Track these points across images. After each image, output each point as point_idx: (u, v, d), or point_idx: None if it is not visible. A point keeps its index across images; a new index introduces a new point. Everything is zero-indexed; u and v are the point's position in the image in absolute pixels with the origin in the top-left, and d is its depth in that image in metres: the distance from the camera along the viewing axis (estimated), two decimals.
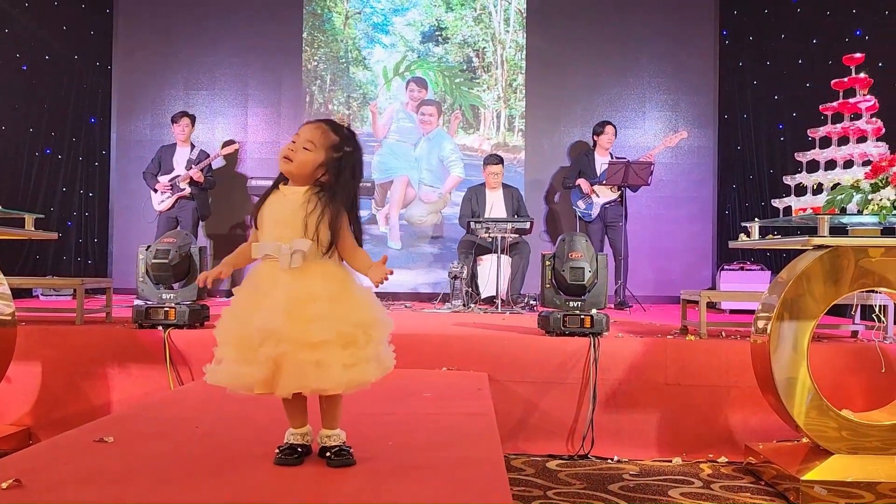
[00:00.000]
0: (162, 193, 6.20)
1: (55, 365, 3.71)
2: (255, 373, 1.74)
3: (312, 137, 1.84)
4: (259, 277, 1.82)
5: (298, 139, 1.84)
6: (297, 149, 1.83)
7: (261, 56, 7.38)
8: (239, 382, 1.77)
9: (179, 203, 6.21)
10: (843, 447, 2.94)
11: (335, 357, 1.74)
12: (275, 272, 1.79)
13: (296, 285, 1.77)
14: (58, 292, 6.11)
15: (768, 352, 2.97)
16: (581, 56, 7.35)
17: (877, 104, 3.41)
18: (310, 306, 1.75)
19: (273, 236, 1.82)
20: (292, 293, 1.76)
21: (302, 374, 1.73)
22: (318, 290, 1.77)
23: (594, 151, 6.42)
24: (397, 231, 7.28)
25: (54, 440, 2.13)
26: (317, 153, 1.83)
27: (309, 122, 1.88)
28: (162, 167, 6.30)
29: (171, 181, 6.18)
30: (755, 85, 7.09)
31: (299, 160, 1.83)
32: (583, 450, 3.52)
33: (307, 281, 1.78)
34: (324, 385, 1.75)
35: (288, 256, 1.77)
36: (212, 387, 1.83)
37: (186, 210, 6.21)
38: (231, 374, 1.78)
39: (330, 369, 1.73)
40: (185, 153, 6.30)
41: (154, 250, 3.94)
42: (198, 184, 6.20)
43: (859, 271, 2.97)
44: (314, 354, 1.72)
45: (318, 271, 1.80)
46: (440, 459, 1.93)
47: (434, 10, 7.45)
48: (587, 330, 3.64)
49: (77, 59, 7.11)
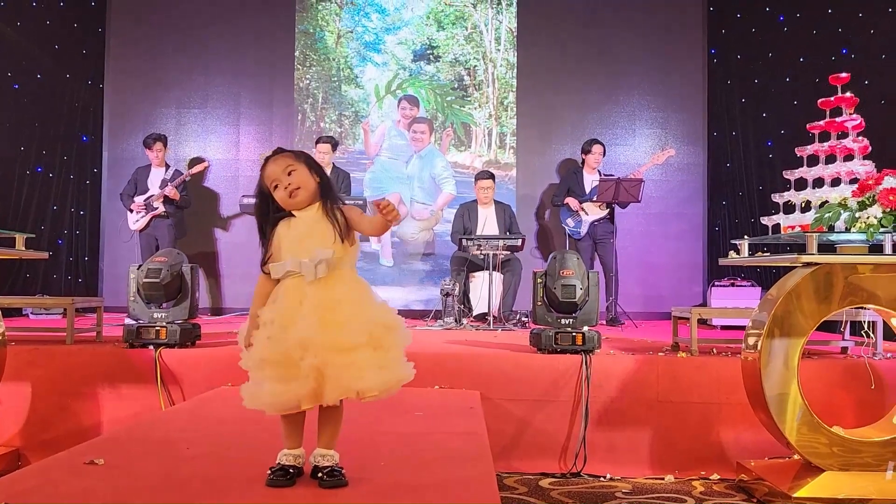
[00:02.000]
0: (136, 213, 6.24)
1: (45, 385, 3.68)
2: (298, 388, 1.77)
3: (286, 163, 1.90)
4: (284, 295, 1.85)
5: (277, 176, 1.90)
6: (289, 179, 1.89)
7: (253, 75, 7.41)
8: (281, 400, 1.79)
9: (154, 222, 6.27)
10: (834, 464, 2.95)
11: (370, 359, 1.80)
12: (299, 287, 1.84)
13: (323, 294, 1.82)
14: (48, 311, 6.07)
15: (759, 368, 2.98)
16: (571, 74, 7.41)
17: (863, 123, 3.46)
18: (339, 311, 1.81)
19: (295, 253, 1.86)
20: (321, 302, 1.81)
21: (344, 379, 1.77)
22: (344, 295, 1.84)
23: (583, 169, 6.46)
24: (389, 248, 7.29)
25: (44, 463, 2.12)
26: (299, 167, 1.91)
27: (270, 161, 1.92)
28: (137, 188, 6.36)
29: (145, 200, 6.22)
30: (743, 102, 7.17)
31: (300, 181, 1.89)
32: (575, 468, 3.51)
33: (332, 289, 1.84)
34: (365, 385, 1.78)
35: (312, 268, 1.82)
36: (203, 407, 1.83)
37: (162, 229, 6.27)
38: (273, 393, 1.79)
39: (368, 371, 1.79)
40: (160, 173, 6.39)
41: (145, 269, 3.92)
42: (174, 202, 6.25)
43: (848, 288, 2.99)
44: (350, 358, 1.77)
45: (340, 279, 1.86)
46: (432, 480, 1.93)
47: (426, 29, 7.51)
48: (579, 347, 3.65)
49: (69, 77, 7.12)
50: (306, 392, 1.77)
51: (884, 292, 2.99)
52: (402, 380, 1.87)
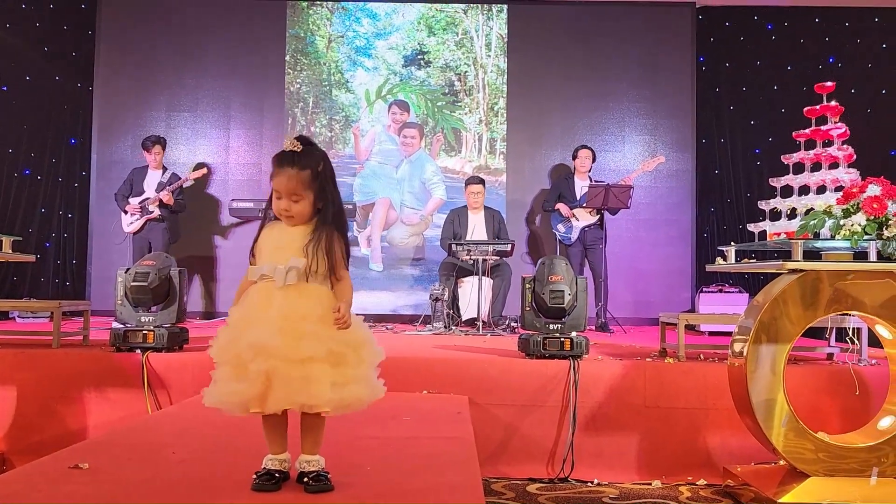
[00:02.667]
0: (131, 215, 6.17)
1: (31, 389, 3.66)
2: (246, 389, 1.76)
3: (294, 189, 1.85)
4: (254, 297, 1.86)
5: (282, 193, 1.86)
6: (288, 205, 1.86)
7: (243, 78, 7.40)
8: (233, 400, 1.79)
9: (149, 225, 6.18)
10: (819, 469, 2.97)
11: (324, 374, 1.77)
12: (269, 291, 1.83)
13: (289, 304, 1.81)
14: (35, 314, 6.03)
15: (745, 374, 3.00)
16: (561, 80, 7.44)
17: (848, 131, 3.49)
18: (302, 324, 1.78)
19: (271, 260, 1.86)
20: (285, 312, 1.80)
21: (291, 390, 1.75)
22: (311, 310, 1.81)
23: (574, 175, 6.48)
24: (379, 253, 7.28)
25: (28, 467, 2.11)
26: (306, 196, 1.87)
27: (280, 172, 1.86)
28: (133, 189, 6.27)
29: (140, 203, 6.16)
30: (732, 110, 7.23)
31: (298, 212, 1.88)
32: (563, 473, 3.52)
33: (301, 300, 1.82)
34: (312, 401, 1.76)
35: (283, 274, 1.81)
36: (190, 411, 1.82)
37: (156, 232, 6.18)
38: (225, 392, 1.79)
39: (319, 385, 1.76)
40: (157, 176, 6.29)
41: (133, 273, 3.91)
42: (168, 206, 6.19)
43: (833, 295, 3.02)
44: (302, 370, 1.75)
45: (312, 293, 1.84)
46: (419, 485, 1.93)
47: (416, 35, 7.52)
48: (567, 353, 3.66)
49: (58, 79, 7.09)
50: (253, 395, 1.76)
51: (869, 299, 3.01)
52: (364, 397, 1.84)
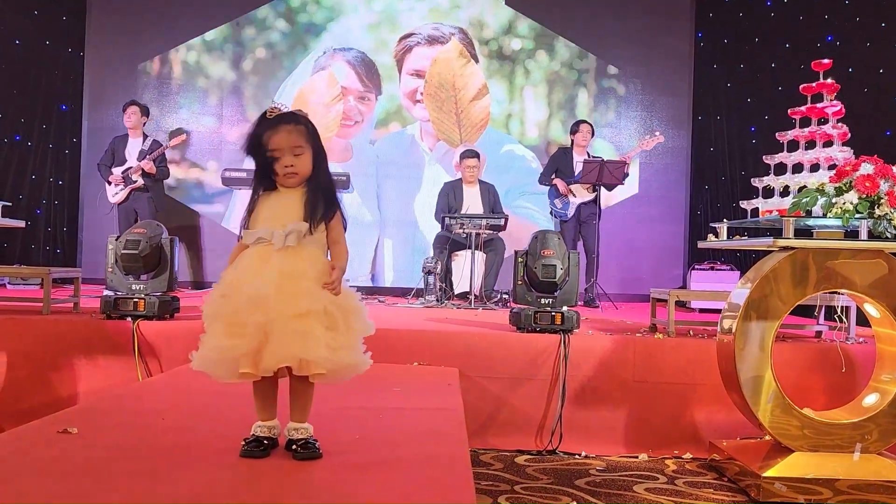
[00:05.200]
0: (115, 186, 6.09)
1: (21, 355, 3.65)
2: (242, 345, 1.75)
3: (295, 141, 1.85)
4: (249, 258, 1.85)
5: (283, 150, 1.84)
6: (292, 160, 1.84)
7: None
8: (225, 356, 1.77)
9: (134, 195, 6.09)
10: (804, 445, 3.01)
11: (320, 334, 1.77)
12: (266, 252, 1.83)
13: (287, 263, 1.81)
14: (25, 281, 6.01)
15: (733, 351, 3.02)
16: (558, 54, 7.38)
17: (843, 110, 3.48)
18: (299, 282, 1.79)
19: (268, 226, 1.84)
20: (283, 269, 1.80)
21: (287, 344, 1.75)
22: (308, 270, 1.82)
23: (572, 150, 6.44)
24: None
25: (17, 431, 2.11)
26: (307, 150, 1.87)
27: (278, 129, 1.84)
28: (115, 158, 6.15)
29: (123, 173, 6.07)
30: (729, 87, 7.19)
31: (302, 166, 1.86)
32: (551, 445, 3.56)
33: (298, 261, 1.82)
34: (308, 355, 1.75)
35: (283, 236, 1.81)
36: (180, 379, 1.83)
37: (142, 201, 6.09)
38: (217, 348, 1.77)
39: (315, 341, 1.76)
40: (138, 144, 6.16)
41: (124, 240, 3.89)
42: (150, 175, 6.11)
43: (824, 273, 3.03)
44: (300, 324, 1.75)
45: (308, 255, 1.84)
46: (407, 454, 1.94)
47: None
48: (558, 327, 3.67)
49: (49, 44, 6.99)
50: (247, 351, 1.75)
51: (859, 277, 3.02)
52: (353, 366, 1.84)
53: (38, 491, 1.57)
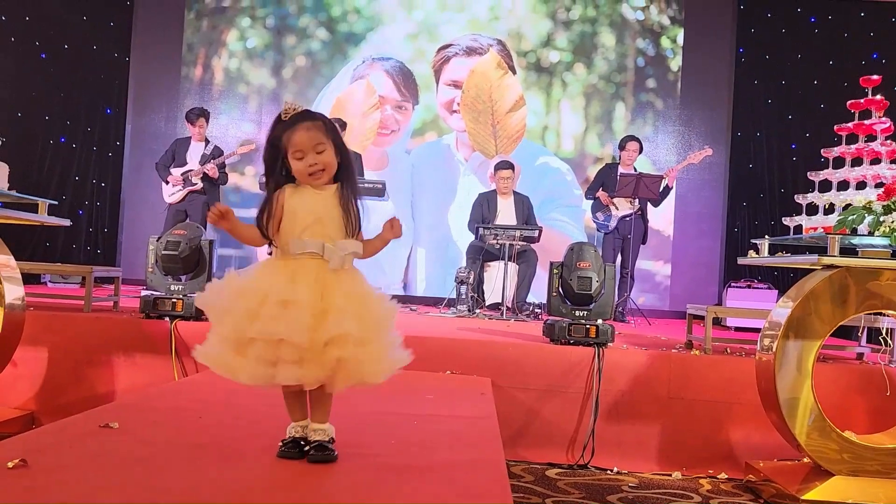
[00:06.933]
0: (173, 186, 6.19)
1: (61, 351, 3.73)
2: (315, 373, 1.72)
3: (316, 137, 1.79)
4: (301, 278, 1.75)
5: (305, 148, 1.78)
6: (316, 158, 1.79)
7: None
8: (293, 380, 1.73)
9: (189, 196, 6.20)
10: (843, 469, 2.93)
11: (381, 349, 1.79)
12: (320, 272, 1.76)
13: (345, 286, 1.78)
14: (66, 279, 6.14)
15: (773, 370, 2.96)
16: (596, 67, 7.36)
17: (892, 127, 3.41)
18: (365, 304, 1.78)
19: (313, 233, 1.78)
20: (347, 293, 1.76)
21: (357, 371, 1.74)
22: (362, 289, 1.82)
23: (619, 166, 6.38)
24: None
25: (60, 423, 2.15)
26: (328, 145, 1.81)
27: (297, 128, 1.79)
28: (175, 160, 6.28)
29: (183, 175, 6.18)
30: (769, 104, 7.09)
31: (327, 162, 1.81)
32: (583, 459, 3.51)
33: (351, 281, 1.80)
34: (374, 379, 1.78)
35: (340, 258, 1.78)
36: (216, 378, 1.84)
37: (196, 204, 6.19)
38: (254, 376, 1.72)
39: (379, 362, 1.78)
40: (200, 148, 6.28)
41: (164, 241, 3.96)
42: (211, 179, 6.21)
43: (867, 293, 2.96)
44: (366, 350, 1.75)
45: (353, 272, 1.83)
46: (444, 459, 1.93)
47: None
48: (592, 340, 3.64)
49: (95, 49, 7.16)
50: (321, 377, 1.72)
51: None
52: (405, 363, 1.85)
53: (79, 483, 1.59)
